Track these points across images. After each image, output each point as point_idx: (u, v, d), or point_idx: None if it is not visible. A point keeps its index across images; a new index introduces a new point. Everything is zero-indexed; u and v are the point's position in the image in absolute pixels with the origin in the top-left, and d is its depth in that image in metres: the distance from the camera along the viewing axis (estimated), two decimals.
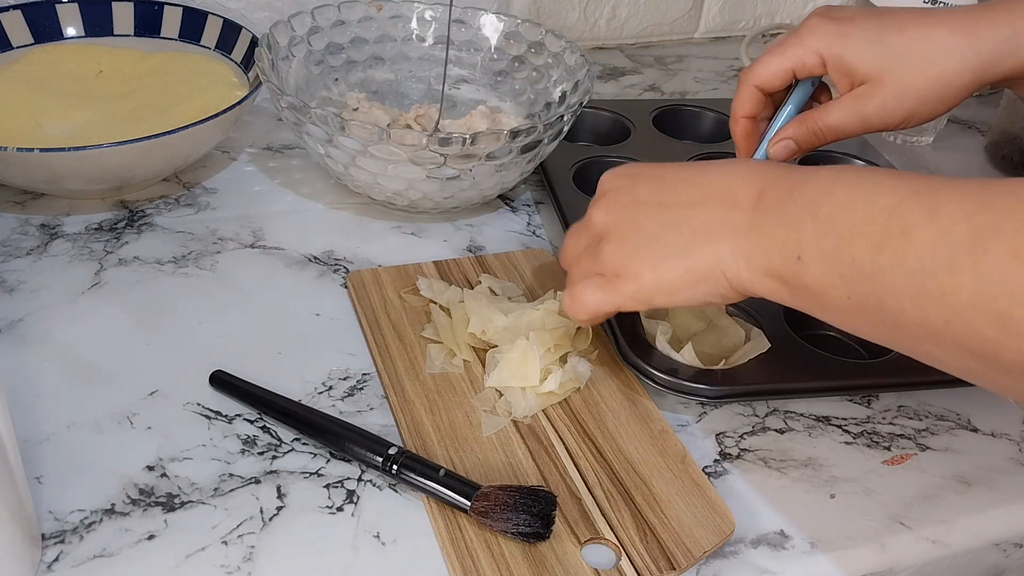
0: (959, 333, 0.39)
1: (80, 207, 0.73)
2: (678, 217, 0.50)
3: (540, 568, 0.47)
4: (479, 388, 0.58)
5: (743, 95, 0.60)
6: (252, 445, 0.54)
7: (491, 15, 0.85)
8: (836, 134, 0.58)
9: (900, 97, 0.55)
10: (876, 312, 0.42)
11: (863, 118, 0.56)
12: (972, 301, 0.38)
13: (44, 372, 0.57)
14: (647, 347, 0.60)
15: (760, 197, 0.48)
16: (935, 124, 0.96)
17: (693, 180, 0.51)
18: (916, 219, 0.40)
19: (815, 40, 0.56)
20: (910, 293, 0.40)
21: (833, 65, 0.56)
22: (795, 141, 0.59)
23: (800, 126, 0.59)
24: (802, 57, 0.57)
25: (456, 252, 0.72)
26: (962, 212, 0.39)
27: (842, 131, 0.58)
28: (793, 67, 0.57)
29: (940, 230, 0.39)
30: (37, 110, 0.75)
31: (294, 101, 0.67)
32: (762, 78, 0.59)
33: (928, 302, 0.39)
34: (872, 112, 0.56)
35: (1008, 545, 0.55)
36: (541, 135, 0.69)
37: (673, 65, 1.11)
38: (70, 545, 0.47)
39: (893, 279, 0.41)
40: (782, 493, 0.55)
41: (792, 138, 0.59)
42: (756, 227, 0.47)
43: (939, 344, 0.40)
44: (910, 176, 0.43)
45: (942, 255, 0.39)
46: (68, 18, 0.83)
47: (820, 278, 0.44)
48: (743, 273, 0.48)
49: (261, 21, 0.95)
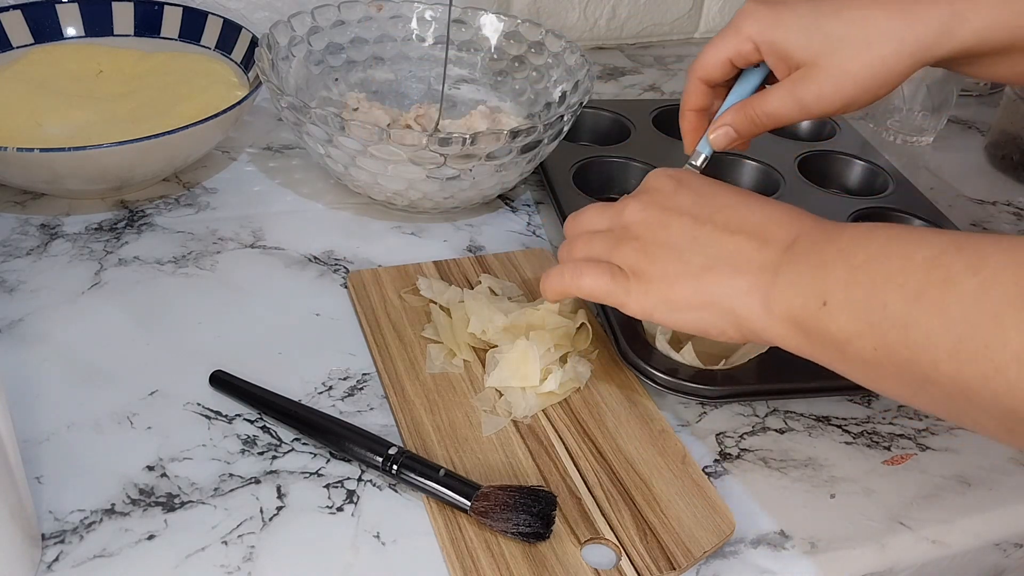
0: (1000, 390, 0.37)
1: (80, 207, 0.73)
2: (708, 238, 0.49)
3: (540, 568, 0.47)
4: (479, 388, 0.58)
5: (688, 88, 0.60)
6: (252, 445, 0.54)
7: (491, 15, 0.85)
8: (774, 120, 0.57)
9: (837, 82, 0.54)
10: (905, 366, 0.40)
11: (801, 104, 0.55)
12: (1018, 356, 0.36)
13: (44, 372, 0.57)
14: (647, 347, 0.60)
15: (793, 242, 0.47)
16: (935, 124, 0.96)
17: (734, 206, 0.50)
18: (959, 269, 0.38)
19: (749, 27, 0.55)
20: (947, 345, 0.38)
21: (767, 51, 0.55)
22: (734, 128, 0.59)
23: (738, 113, 0.58)
24: (737, 46, 0.56)
25: (456, 252, 0.72)
26: (1009, 266, 0.37)
27: (780, 117, 0.57)
28: (730, 56, 0.57)
29: (985, 282, 0.37)
30: (37, 110, 0.75)
31: (294, 101, 0.67)
32: (704, 70, 0.58)
33: (967, 356, 0.37)
34: (810, 98, 0.55)
35: (1008, 545, 0.55)
36: (541, 135, 0.69)
37: (673, 65, 1.11)
38: (70, 545, 0.47)
39: (929, 329, 0.39)
40: (782, 493, 0.55)
41: (730, 124, 0.59)
42: (782, 270, 0.46)
43: (973, 402, 0.38)
44: (949, 231, 0.42)
45: (987, 307, 0.37)
46: (68, 18, 0.83)
47: (846, 326, 0.42)
48: (756, 314, 0.47)
49: (261, 21, 0.95)
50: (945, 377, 0.39)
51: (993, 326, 0.37)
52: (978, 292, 0.38)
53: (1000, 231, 0.83)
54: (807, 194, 0.79)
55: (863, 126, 0.98)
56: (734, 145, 0.60)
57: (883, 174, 0.84)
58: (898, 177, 0.83)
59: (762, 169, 0.82)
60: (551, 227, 0.76)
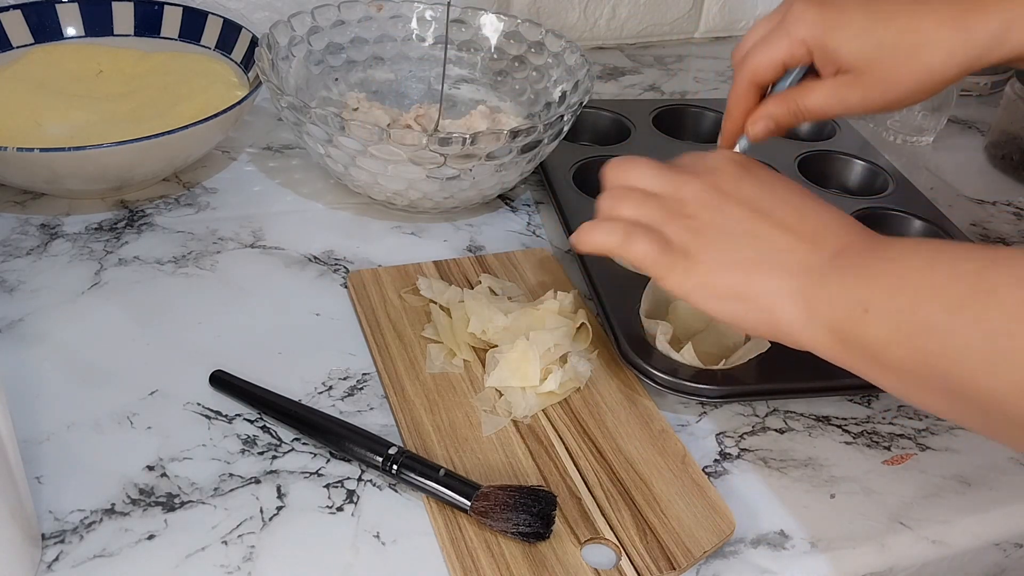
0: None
1: (80, 207, 0.73)
2: (764, 232, 0.49)
3: (540, 568, 0.47)
4: (479, 388, 0.58)
5: (738, 92, 0.59)
6: (252, 445, 0.54)
7: (491, 15, 0.85)
8: (816, 116, 0.57)
9: (885, 88, 0.54)
10: (939, 378, 0.40)
11: (846, 105, 0.56)
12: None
13: (44, 372, 0.57)
14: (647, 347, 0.60)
15: (842, 250, 0.47)
16: (935, 124, 0.96)
17: (794, 205, 0.50)
18: (1004, 281, 0.38)
19: (801, 30, 0.55)
20: (985, 356, 0.38)
21: (818, 55, 0.55)
22: (775, 119, 0.58)
23: (781, 104, 0.58)
24: (790, 49, 0.56)
25: (456, 252, 0.72)
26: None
27: (823, 114, 0.57)
28: (784, 59, 0.56)
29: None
30: (37, 110, 0.75)
31: (294, 101, 0.67)
32: (758, 74, 0.58)
33: (1005, 368, 0.37)
34: (855, 100, 0.55)
35: (1008, 545, 0.55)
36: (541, 135, 0.69)
37: (673, 65, 1.11)
38: (70, 545, 0.47)
39: (968, 340, 0.39)
40: (782, 493, 0.55)
41: (772, 116, 0.58)
42: (829, 276, 0.46)
43: (1009, 415, 0.38)
44: (995, 246, 0.42)
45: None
46: (68, 18, 0.83)
47: (884, 334, 0.42)
48: (797, 318, 0.46)
49: (261, 21, 0.95)
50: (981, 389, 0.39)
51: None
52: (1020, 305, 0.38)
53: (1000, 229, 0.83)
54: None
55: (863, 126, 0.98)
56: (772, 135, 0.59)
57: (883, 174, 0.84)
58: (898, 177, 0.83)
59: None
60: (551, 227, 0.76)
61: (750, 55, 0.58)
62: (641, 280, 0.64)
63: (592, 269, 0.66)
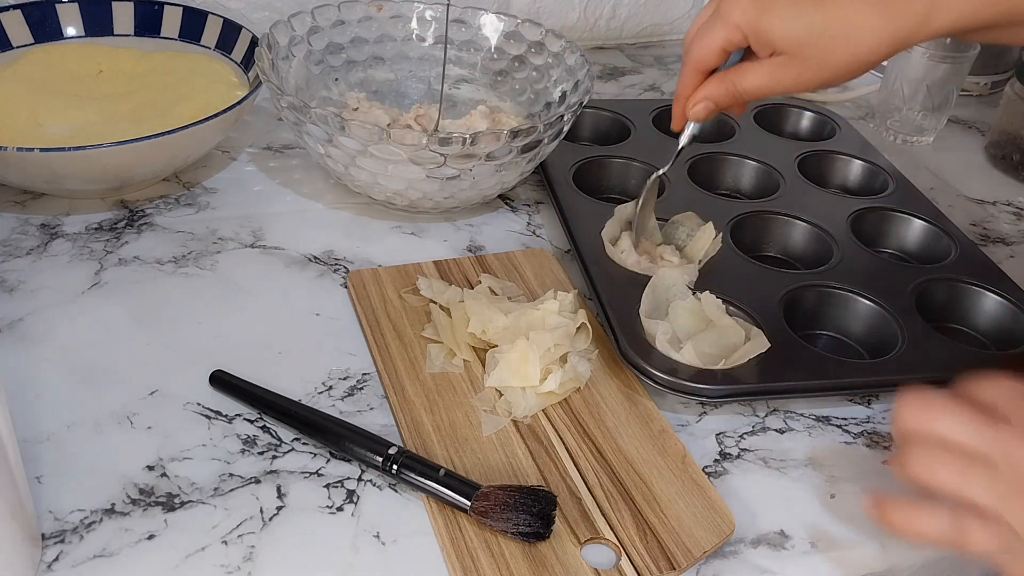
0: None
1: (80, 207, 0.73)
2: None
3: (540, 568, 0.47)
4: (479, 388, 0.58)
5: (685, 79, 0.61)
6: (252, 445, 0.54)
7: (491, 15, 0.85)
8: (753, 96, 0.59)
9: (816, 70, 0.56)
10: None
11: (781, 85, 0.58)
12: None
13: (44, 372, 0.57)
14: (647, 347, 0.60)
15: None
16: (935, 124, 0.96)
17: None
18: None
19: (736, 15, 0.57)
20: None
21: (753, 39, 0.57)
22: (713, 101, 0.60)
23: (719, 85, 0.60)
24: (727, 34, 0.58)
25: (456, 252, 0.72)
26: None
27: (759, 94, 0.59)
28: (722, 45, 0.58)
29: None
30: (37, 110, 0.75)
31: (294, 101, 0.67)
32: (703, 61, 0.60)
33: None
34: (789, 81, 0.57)
35: None
36: (541, 135, 0.69)
37: (673, 65, 1.11)
38: (70, 545, 0.47)
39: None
40: (782, 493, 0.55)
41: (710, 98, 0.60)
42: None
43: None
44: None
45: None
46: (68, 18, 0.83)
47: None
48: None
49: (261, 21, 0.95)
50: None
51: None
52: None
53: (1000, 229, 0.83)
54: (807, 194, 0.79)
55: (863, 126, 0.98)
56: (712, 116, 0.62)
57: (883, 174, 0.84)
58: (898, 177, 0.83)
59: (762, 169, 0.82)
60: (551, 227, 0.76)
61: (693, 42, 0.60)
62: (641, 280, 0.64)
63: (592, 269, 0.66)
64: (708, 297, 0.62)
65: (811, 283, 0.68)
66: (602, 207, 0.73)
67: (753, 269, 0.69)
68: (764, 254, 0.75)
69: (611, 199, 0.75)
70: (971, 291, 0.69)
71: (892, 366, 0.61)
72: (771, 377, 0.59)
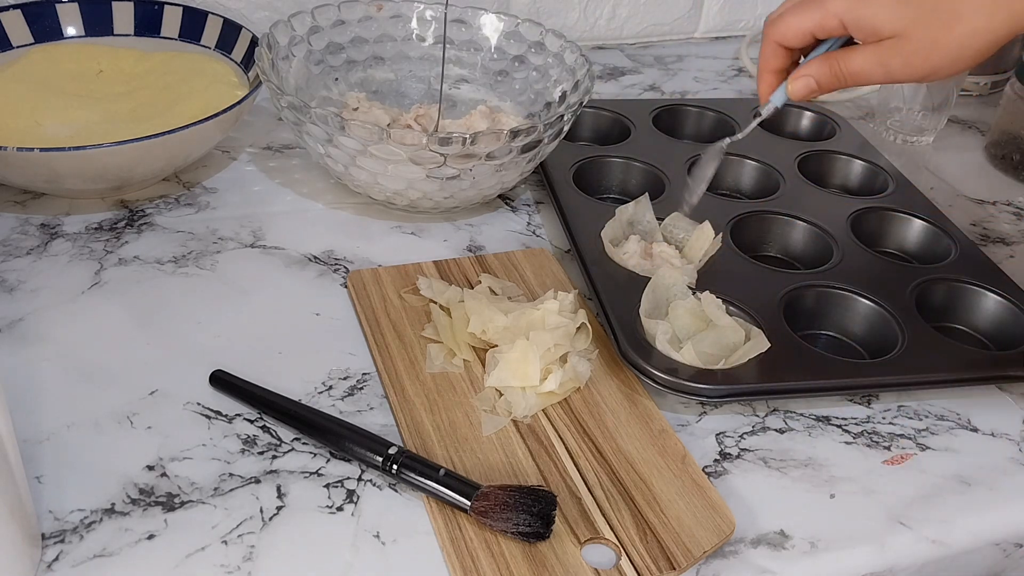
0: None
1: (80, 207, 0.73)
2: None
3: (540, 568, 0.47)
4: (479, 388, 0.58)
5: (766, 51, 0.59)
6: (252, 445, 0.54)
7: (491, 15, 0.85)
8: (858, 80, 0.57)
9: (927, 53, 0.53)
10: None
11: (887, 71, 0.55)
12: None
13: (44, 372, 0.57)
14: (647, 347, 0.60)
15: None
16: (935, 124, 0.96)
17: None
18: None
19: (835, 5, 0.55)
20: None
21: (854, 27, 0.55)
22: (816, 80, 0.58)
23: (823, 65, 0.57)
24: (821, 21, 0.56)
25: (456, 252, 0.72)
26: None
27: (865, 78, 0.56)
28: (812, 29, 0.57)
29: None
30: (37, 110, 0.75)
31: (294, 101, 0.67)
32: (784, 37, 0.58)
33: None
34: (896, 66, 0.55)
35: (1008, 545, 0.55)
36: (541, 135, 0.69)
37: (673, 65, 1.11)
38: (70, 545, 0.47)
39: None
40: (782, 493, 0.55)
41: (813, 76, 0.58)
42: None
43: None
44: None
45: None
46: (68, 18, 0.83)
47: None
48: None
49: (261, 21, 0.95)
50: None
51: None
52: None
53: (1000, 229, 0.83)
54: (807, 194, 0.79)
55: (863, 126, 0.98)
56: (813, 96, 0.59)
57: (883, 174, 0.84)
58: (898, 177, 0.83)
59: (762, 169, 0.82)
60: (551, 227, 0.76)
61: (781, 17, 0.58)
62: (641, 280, 0.64)
63: (592, 269, 0.66)
64: (708, 297, 0.62)
65: (811, 283, 0.68)
66: (602, 207, 0.73)
67: (753, 269, 0.69)
68: (764, 254, 0.75)
69: (611, 199, 0.75)
70: (971, 291, 0.69)
71: (892, 366, 0.61)
72: (771, 377, 0.59)
